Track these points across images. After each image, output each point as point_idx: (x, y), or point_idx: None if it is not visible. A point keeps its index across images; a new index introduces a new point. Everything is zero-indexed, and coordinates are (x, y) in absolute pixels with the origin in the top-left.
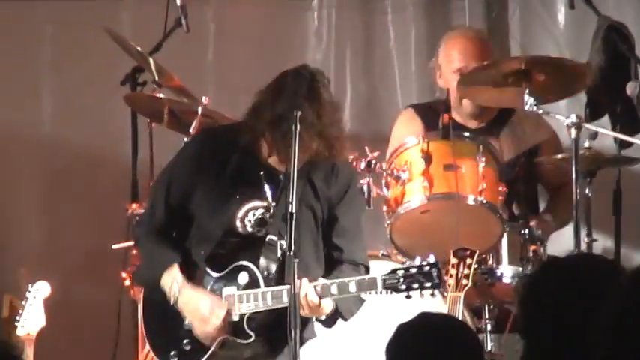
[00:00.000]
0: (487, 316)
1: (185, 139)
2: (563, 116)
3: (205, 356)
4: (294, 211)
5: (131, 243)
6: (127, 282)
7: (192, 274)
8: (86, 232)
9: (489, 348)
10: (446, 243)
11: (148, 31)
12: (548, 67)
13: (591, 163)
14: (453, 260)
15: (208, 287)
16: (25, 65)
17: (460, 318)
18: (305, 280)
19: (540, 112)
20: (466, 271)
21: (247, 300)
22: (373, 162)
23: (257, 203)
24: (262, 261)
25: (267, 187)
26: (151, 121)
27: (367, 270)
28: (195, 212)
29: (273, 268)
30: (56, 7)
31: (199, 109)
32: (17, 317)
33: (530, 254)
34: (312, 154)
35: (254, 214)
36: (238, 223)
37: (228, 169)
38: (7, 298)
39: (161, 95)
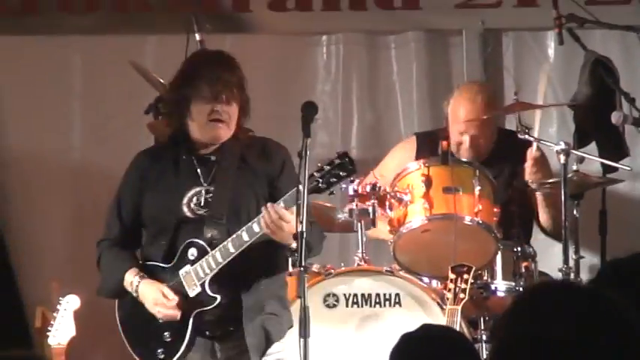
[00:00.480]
0: (483, 327)
1: None
2: (553, 143)
3: (185, 341)
4: (304, 229)
5: None
6: None
7: (152, 274)
8: None
9: (485, 356)
10: (445, 260)
11: (170, 64)
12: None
13: (579, 186)
14: (452, 276)
15: (167, 279)
16: (57, 95)
17: (458, 329)
18: (269, 203)
19: (532, 139)
20: (463, 285)
21: (202, 268)
22: (378, 185)
23: (197, 188)
24: (205, 232)
25: (200, 172)
26: None
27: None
28: (147, 214)
29: (217, 235)
30: (86, 41)
31: None
32: (49, 328)
33: (523, 270)
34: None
35: (197, 198)
36: (185, 209)
37: (165, 168)
38: (39, 310)
39: None
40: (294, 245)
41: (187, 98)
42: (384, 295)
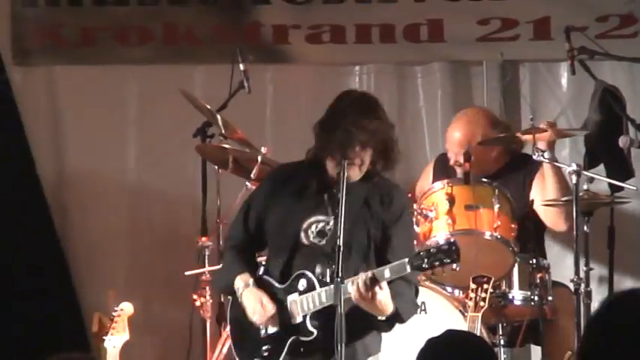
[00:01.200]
0: (501, 333)
1: (247, 184)
2: (566, 164)
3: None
4: (341, 243)
5: (202, 270)
6: (198, 303)
7: (266, 288)
8: (164, 261)
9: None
10: (466, 271)
11: (216, 91)
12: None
13: (589, 205)
14: (472, 286)
15: (277, 298)
16: (114, 120)
17: (478, 334)
18: (361, 272)
19: (546, 161)
20: (483, 294)
21: (307, 302)
22: None
23: (319, 217)
24: (318, 268)
25: (327, 202)
26: (218, 168)
27: (417, 290)
28: (269, 230)
29: (328, 273)
30: (140, 71)
31: (259, 158)
32: (105, 332)
33: (537, 281)
34: (366, 163)
35: (316, 226)
36: (302, 235)
37: (295, 189)
38: (96, 316)
39: (227, 146)
40: (382, 318)
41: (332, 140)
42: None
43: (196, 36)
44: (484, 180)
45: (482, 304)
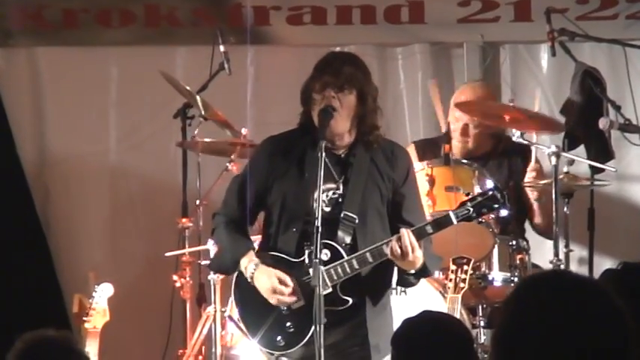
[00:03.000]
0: (481, 314)
1: (227, 165)
2: (546, 146)
3: (308, 335)
4: (319, 225)
5: (182, 251)
6: (178, 284)
7: (279, 265)
8: (144, 242)
9: (482, 341)
10: (446, 253)
11: (197, 73)
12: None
13: (569, 186)
14: (452, 267)
15: (295, 274)
16: (95, 102)
17: (458, 316)
18: (403, 229)
19: (525, 142)
20: (463, 276)
21: (336, 272)
22: None
23: (329, 185)
24: (340, 234)
25: (332, 169)
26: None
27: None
28: (275, 203)
29: (348, 239)
30: (121, 52)
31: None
32: (85, 313)
33: (517, 262)
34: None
35: (327, 195)
36: (314, 205)
37: (298, 161)
38: (76, 297)
39: (207, 139)
40: (412, 271)
41: (310, 89)
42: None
43: (177, 18)
44: (464, 161)
45: (462, 285)
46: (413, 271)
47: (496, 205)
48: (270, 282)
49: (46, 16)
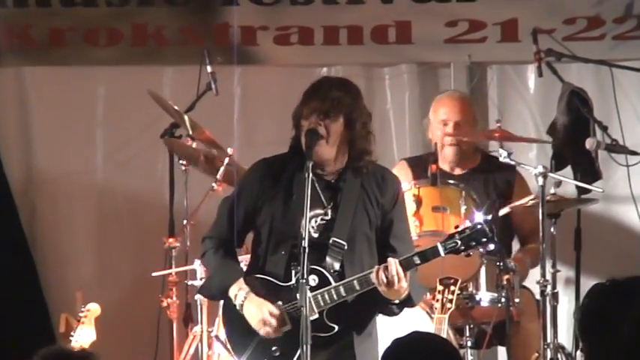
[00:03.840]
0: (468, 335)
1: (213, 185)
2: (532, 166)
3: (294, 358)
4: (306, 245)
5: (169, 271)
6: (165, 304)
7: (266, 289)
8: (131, 262)
9: None
10: (433, 273)
11: (184, 92)
12: None
13: (556, 206)
14: (439, 287)
15: (282, 298)
16: (82, 121)
17: (445, 336)
18: (390, 258)
19: (513, 162)
20: (450, 296)
21: (323, 298)
22: None
23: (317, 211)
24: (328, 260)
25: (322, 194)
26: (185, 167)
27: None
28: (264, 224)
29: (337, 265)
30: (108, 72)
31: (226, 160)
32: (72, 333)
33: (504, 282)
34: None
35: (316, 221)
36: (303, 230)
37: (287, 184)
38: (63, 316)
39: (194, 145)
40: (396, 301)
41: (299, 114)
42: None
43: (165, 37)
44: (451, 182)
45: (449, 305)
46: (397, 301)
47: (484, 239)
48: (260, 313)
49: (33, 35)
